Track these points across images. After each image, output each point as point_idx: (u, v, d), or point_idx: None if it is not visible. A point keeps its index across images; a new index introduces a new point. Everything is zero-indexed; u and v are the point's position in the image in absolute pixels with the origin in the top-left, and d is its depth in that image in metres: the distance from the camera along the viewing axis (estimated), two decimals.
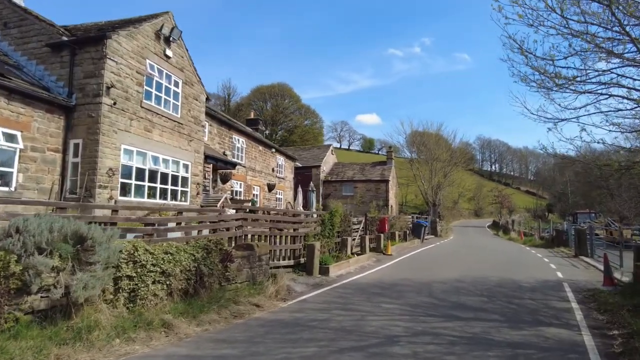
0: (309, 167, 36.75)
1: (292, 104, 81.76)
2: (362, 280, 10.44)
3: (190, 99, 15.13)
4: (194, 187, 15.08)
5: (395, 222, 20.40)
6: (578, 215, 31.01)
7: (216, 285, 7.18)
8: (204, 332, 5.82)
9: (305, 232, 11.34)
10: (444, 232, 33.90)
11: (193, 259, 6.66)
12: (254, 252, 8.02)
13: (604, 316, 6.94)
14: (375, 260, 14.42)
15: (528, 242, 25.97)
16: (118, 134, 11.42)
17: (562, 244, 22.51)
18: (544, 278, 11.19)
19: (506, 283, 10.21)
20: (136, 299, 5.82)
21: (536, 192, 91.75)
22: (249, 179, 23.02)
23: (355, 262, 12.81)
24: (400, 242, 19.76)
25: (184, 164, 14.64)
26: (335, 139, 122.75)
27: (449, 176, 42.40)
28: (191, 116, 15.12)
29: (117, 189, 11.41)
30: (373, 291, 8.88)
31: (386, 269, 12.66)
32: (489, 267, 13.63)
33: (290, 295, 8.32)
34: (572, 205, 60.55)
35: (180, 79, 14.53)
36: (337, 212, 12.74)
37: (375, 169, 38.16)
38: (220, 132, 19.69)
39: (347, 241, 12.88)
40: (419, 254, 17.21)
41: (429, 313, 7.00)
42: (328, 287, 9.35)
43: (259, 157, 24.58)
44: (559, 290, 9.38)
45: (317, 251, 10.51)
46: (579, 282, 10.64)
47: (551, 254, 19.31)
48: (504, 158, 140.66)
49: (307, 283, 9.60)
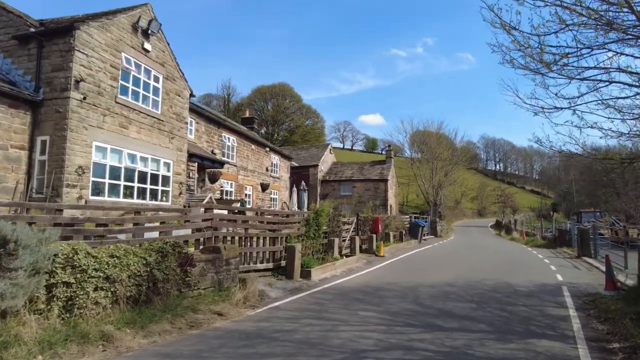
0: (306, 166, 36.09)
1: (293, 104, 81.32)
2: (346, 284, 9.76)
3: (172, 94, 14.53)
4: (177, 187, 14.48)
5: (390, 222, 19.68)
6: (582, 214, 30.08)
7: (174, 291, 6.53)
8: (150, 345, 5.17)
9: (287, 233, 10.68)
10: (444, 232, 33.09)
11: (144, 263, 6.01)
12: (220, 255, 7.37)
13: (604, 325, 6.21)
14: (365, 262, 13.72)
15: (530, 243, 25.13)
16: (89, 131, 10.83)
17: (565, 244, 21.67)
18: (542, 281, 10.44)
19: (501, 287, 9.48)
20: (73, 308, 5.18)
21: (541, 192, 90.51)
22: (241, 178, 22.40)
23: (342, 264, 12.12)
24: (395, 242, 19.04)
25: (165, 162, 14.05)
26: (338, 139, 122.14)
27: (450, 175, 41.56)
28: (173, 113, 14.53)
29: (89, 189, 10.82)
30: (354, 296, 8.20)
31: (375, 271, 11.96)
32: (485, 269, 12.89)
33: (262, 302, 7.66)
34: (577, 205, 59.45)
35: (161, 73, 13.94)
36: (323, 212, 12.07)
37: (374, 168, 37.42)
38: (209, 130, 19.09)
39: (333, 242, 12.20)
40: (413, 256, 16.48)
41: (408, 322, 6.31)
42: (307, 292, 8.68)
43: (252, 156, 23.95)
44: (557, 295, 8.64)
45: (298, 253, 9.84)
46: (580, 285, 9.89)
47: (553, 254, 18.50)
48: (509, 157, 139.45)
49: (284, 288, 8.93)
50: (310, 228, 11.67)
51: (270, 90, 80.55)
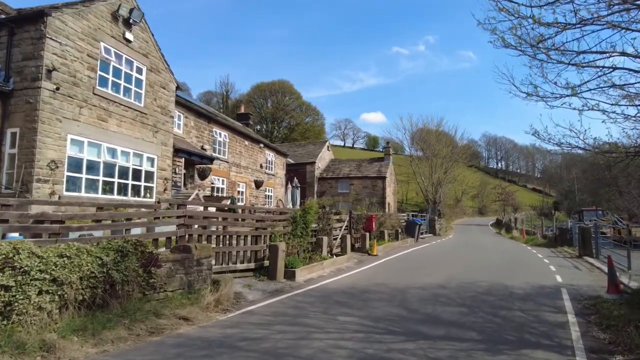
0: (303, 163, 35.52)
1: (293, 101, 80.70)
2: (332, 285, 9.21)
3: (157, 87, 13.97)
4: (161, 183, 13.93)
5: (385, 220, 19.13)
6: (584, 212, 29.45)
7: (137, 294, 5.99)
8: (98, 355, 4.64)
9: (272, 232, 10.13)
10: (442, 231, 32.51)
11: (100, 264, 5.47)
12: (190, 255, 6.82)
13: (606, 334, 5.64)
14: (356, 262, 13.17)
15: (530, 241, 24.53)
16: (63, 123, 10.29)
17: (566, 243, 21.07)
18: (540, 283, 9.87)
19: (496, 289, 8.92)
20: (12, 314, 4.65)
21: (542, 190, 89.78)
22: (233, 175, 21.85)
23: (331, 264, 11.57)
24: (390, 241, 18.48)
25: (149, 157, 13.51)
26: (339, 137, 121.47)
27: (450, 173, 40.92)
28: (157, 106, 13.97)
29: (63, 184, 10.29)
30: (337, 299, 7.65)
31: (365, 271, 11.41)
32: (481, 269, 12.32)
33: (237, 305, 7.11)
34: (579, 203, 58.75)
35: (144, 65, 13.38)
36: (311, 209, 11.51)
37: (373, 165, 36.81)
38: (198, 125, 18.53)
39: (322, 241, 11.64)
40: (407, 255, 15.91)
41: (390, 329, 5.75)
42: (288, 294, 8.13)
43: (245, 153, 23.39)
44: (556, 299, 8.07)
45: (281, 253, 9.29)
46: (580, 287, 9.31)
47: (553, 254, 17.91)
48: (510, 155, 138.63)
49: (264, 290, 8.38)
50: (298, 226, 11.12)
51: (269, 87, 79.97)
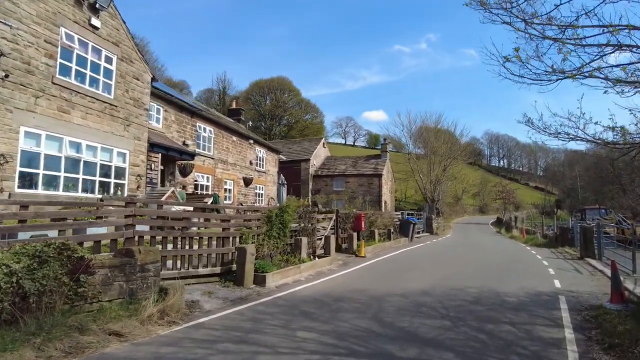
0: (297, 160, 34.64)
1: (291, 98, 79.84)
2: (305, 292, 8.35)
3: (129, 78, 13.11)
4: (134, 179, 13.10)
5: (377, 218, 18.24)
6: (586, 211, 28.44)
7: (61, 306, 5.15)
8: None
9: (241, 232, 9.28)
10: (440, 230, 31.59)
11: (7, 272, 4.63)
12: (132, 260, 5.97)
13: (609, 355, 4.76)
14: (340, 264, 12.31)
15: (530, 241, 23.59)
16: (15, 114, 9.44)
17: (567, 244, 20.14)
18: (536, 288, 8.98)
19: (486, 297, 8.04)
20: None
21: (544, 188, 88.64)
22: (219, 172, 20.99)
23: (310, 267, 10.71)
24: (381, 241, 17.60)
25: (120, 152, 12.67)
26: (340, 135, 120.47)
27: (449, 170, 39.97)
28: (130, 98, 13.12)
29: (14, 180, 9.45)
30: (304, 309, 6.79)
31: (346, 275, 10.55)
32: (473, 272, 11.44)
33: (189, 316, 6.27)
34: (582, 201, 57.66)
35: (115, 54, 12.52)
36: (289, 208, 10.65)
37: (369, 163, 35.89)
38: (180, 119, 17.67)
39: (301, 242, 10.77)
40: (397, 256, 15.03)
41: (353, 349, 4.89)
42: (251, 302, 7.28)
43: (233, 149, 22.53)
44: (553, 309, 7.18)
45: (249, 256, 8.43)
46: (581, 295, 8.41)
47: (553, 255, 17.00)
48: (513, 153, 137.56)
49: (227, 297, 7.53)
50: (273, 226, 10.26)
51: (268, 84, 79.14)
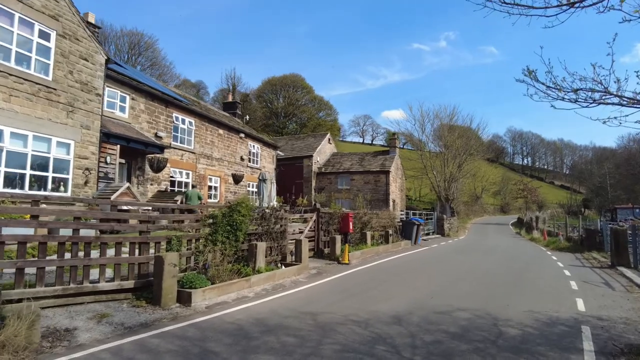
0: (299, 157, 32.69)
1: (304, 95, 78.36)
2: (237, 315, 6.37)
3: (75, 57, 11.45)
4: (81, 174, 11.43)
5: (371, 219, 16.06)
6: (617, 210, 25.34)
7: None
8: None
9: (168, 237, 7.40)
10: (453, 231, 29.02)
11: None
12: None
13: None
14: (312, 275, 10.27)
15: (551, 244, 20.85)
16: None
17: (595, 248, 17.46)
18: (551, 313, 6.73)
19: (478, 327, 5.87)
20: None
21: (570, 186, 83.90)
22: (202, 167, 19.26)
23: (267, 279, 8.73)
24: (376, 245, 15.44)
25: (61, 143, 11.02)
26: (358, 134, 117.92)
27: (464, 167, 37.18)
28: (75, 80, 11.45)
29: None
30: (210, 347, 4.82)
31: (310, 290, 8.50)
32: (471, 287, 9.20)
33: (47, 353, 4.41)
34: (611, 200, 53.61)
35: (53, 29, 10.87)
36: (241, 206, 8.72)
37: (376, 159, 33.60)
38: (151, 109, 15.99)
39: (256, 248, 8.79)
40: (388, 264, 12.85)
41: None
42: (152, 332, 5.35)
43: (219, 143, 20.77)
44: (570, 350, 4.96)
45: (168, 267, 6.54)
46: (613, 324, 6.13)
47: (577, 261, 14.46)
48: (537, 151, 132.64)
49: (123, 323, 5.62)
50: (219, 229, 8.35)
51: (281, 81, 77.92)
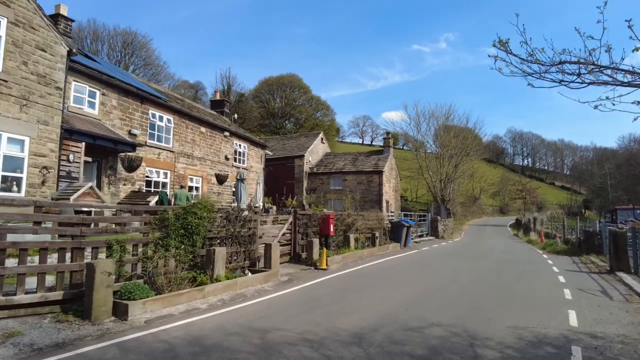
0: (290, 157, 31.83)
1: (301, 95, 77.59)
2: (176, 332, 5.53)
3: (30, 47, 10.64)
4: (37, 173, 10.62)
5: (355, 220, 15.19)
6: (618, 211, 24.47)
7: None
8: None
9: (107, 241, 6.57)
10: (447, 233, 28.15)
11: None
12: None
13: None
14: (281, 282, 9.42)
15: (548, 247, 19.96)
16: None
17: (594, 251, 16.61)
18: (537, 330, 5.88)
19: (451, 347, 5.02)
20: None
21: (570, 187, 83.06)
22: (182, 167, 18.43)
23: (226, 288, 7.88)
24: (360, 248, 14.58)
25: (13, 139, 10.22)
26: (358, 135, 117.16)
27: (461, 167, 36.32)
28: (31, 72, 10.64)
29: None
30: None
31: (272, 301, 7.64)
32: (452, 296, 8.34)
33: None
34: (612, 201, 52.74)
35: (3, 16, 10.06)
36: (200, 207, 7.88)
37: (370, 159, 32.74)
38: (124, 105, 15.17)
39: (213, 254, 7.93)
40: (369, 269, 11.99)
41: None
42: (63, 354, 4.54)
43: (202, 141, 19.94)
44: None
45: (101, 276, 5.71)
46: (609, 344, 5.28)
47: (574, 266, 13.60)
48: (538, 152, 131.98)
49: (33, 344, 4.78)
50: (171, 232, 7.53)
51: (277, 81, 77.11)
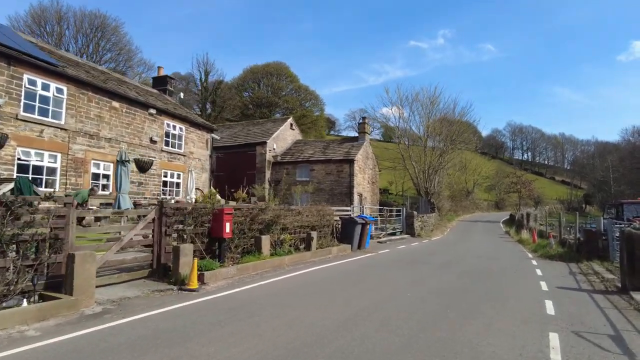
0: (252, 144, 28.10)
1: (288, 85, 73.66)
2: None
3: None
4: None
5: (278, 217, 11.39)
6: (624, 206, 20.69)
7: None
8: None
9: None
10: (426, 231, 24.45)
11: None
12: None
13: None
14: (85, 316, 5.72)
15: (540, 250, 16.19)
16: None
17: (596, 255, 12.93)
18: None
19: None
20: None
21: (571, 182, 79.39)
22: (81, 149, 14.73)
23: None
24: (282, 254, 10.88)
25: None
26: (354, 129, 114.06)
27: (446, 157, 32.58)
28: None
29: None
30: None
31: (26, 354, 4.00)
32: (347, 353, 4.63)
33: None
34: (614, 195, 49.03)
35: None
36: None
37: (342, 146, 29.02)
38: None
39: None
40: (271, 288, 8.20)
41: None
42: None
43: (115, 119, 16.23)
44: None
45: None
46: None
47: (571, 279, 9.89)
48: (538, 146, 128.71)
49: None
50: None
51: (263, 70, 73.22)
